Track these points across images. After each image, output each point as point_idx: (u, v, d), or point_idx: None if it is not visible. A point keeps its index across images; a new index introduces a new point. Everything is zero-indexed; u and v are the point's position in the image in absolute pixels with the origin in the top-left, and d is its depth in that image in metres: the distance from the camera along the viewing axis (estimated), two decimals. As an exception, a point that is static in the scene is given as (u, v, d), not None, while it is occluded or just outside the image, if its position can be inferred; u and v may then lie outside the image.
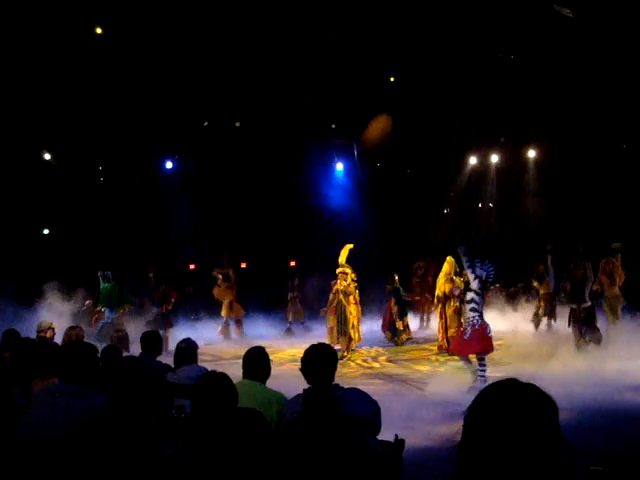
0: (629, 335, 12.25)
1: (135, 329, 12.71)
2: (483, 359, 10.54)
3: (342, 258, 14.88)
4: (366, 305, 17.70)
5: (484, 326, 10.53)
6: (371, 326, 18.38)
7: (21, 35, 14.52)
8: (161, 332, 15.57)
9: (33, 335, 9.23)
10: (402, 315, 16.51)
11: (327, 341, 13.58)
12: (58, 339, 9.53)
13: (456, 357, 13.94)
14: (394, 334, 16.35)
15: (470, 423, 1.72)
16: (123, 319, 14.65)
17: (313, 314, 18.05)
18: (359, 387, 4.58)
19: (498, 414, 1.65)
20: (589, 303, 12.85)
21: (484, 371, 10.36)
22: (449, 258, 15.03)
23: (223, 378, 3.53)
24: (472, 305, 10.57)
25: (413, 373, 12.11)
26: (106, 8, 14.59)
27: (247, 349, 5.23)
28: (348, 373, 12.11)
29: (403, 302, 16.64)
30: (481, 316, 10.66)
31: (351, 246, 15.04)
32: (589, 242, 18.40)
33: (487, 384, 1.79)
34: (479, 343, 10.52)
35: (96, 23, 15.18)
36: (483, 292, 10.96)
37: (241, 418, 3.40)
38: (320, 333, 16.01)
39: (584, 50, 15.75)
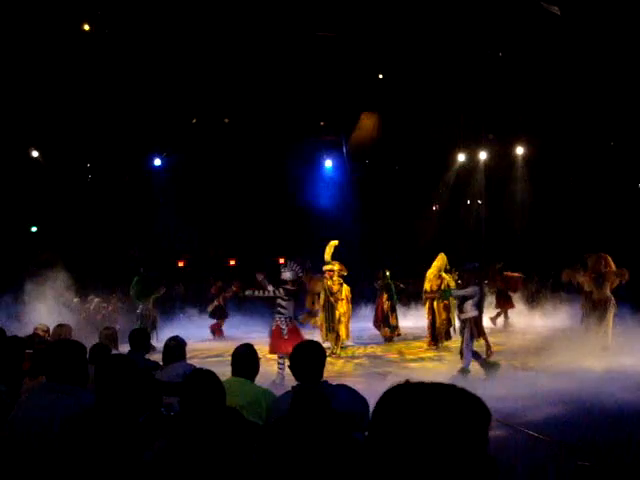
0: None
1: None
2: (283, 357, 10.91)
3: (327, 255, 14.84)
4: (356, 302, 17.72)
5: (281, 328, 11.06)
6: (361, 322, 18.39)
7: (8, 33, 14.43)
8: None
9: (23, 333, 9.19)
10: (393, 310, 16.53)
11: (319, 338, 13.61)
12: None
13: (445, 352, 14.04)
14: (392, 329, 16.37)
15: (378, 424, 1.52)
16: (153, 307, 15.86)
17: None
18: (348, 384, 4.58)
19: (410, 418, 1.46)
20: (471, 314, 11.15)
21: (282, 368, 10.78)
22: (441, 254, 15.05)
23: (209, 375, 3.54)
24: (278, 309, 11.13)
25: (402, 369, 12.11)
26: (94, 6, 14.53)
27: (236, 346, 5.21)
28: (337, 370, 12.11)
29: (394, 298, 16.66)
30: (289, 318, 11.15)
31: (336, 242, 14.97)
32: (578, 238, 18.51)
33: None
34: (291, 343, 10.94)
35: (84, 20, 15.11)
36: (292, 295, 11.30)
37: (225, 416, 3.41)
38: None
39: (572, 48, 15.79)
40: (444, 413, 1.46)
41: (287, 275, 11.20)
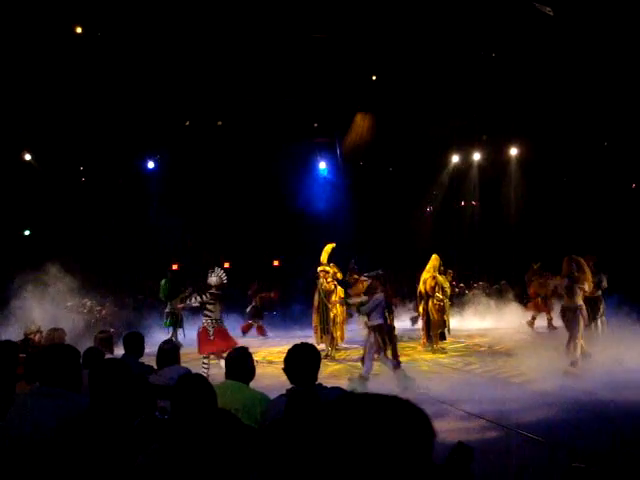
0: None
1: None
2: (207, 357, 11.73)
3: (324, 257, 14.86)
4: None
5: (207, 330, 11.77)
6: (356, 324, 18.36)
7: (0, 35, 14.40)
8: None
9: (16, 338, 9.16)
10: (390, 312, 16.51)
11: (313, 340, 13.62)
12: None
13: (441, 354, 14.03)
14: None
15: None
16: (178, 305, 15.62)
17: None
18: (342, 387, 4.57)
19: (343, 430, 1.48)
20: (376, 322, 11.19)
21: (207, 368, 11.43)
22: (434, 256, 15.04)
23: (199, 379, 3.54)
24: (205, 312, 11.88)
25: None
26: (87, 8, 14.50)
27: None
28: (332, 372, 12.10)
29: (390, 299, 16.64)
30: (215, 320, 11.83)
31: (333, 245, 15.00)
32: (573, 238, 18.54)
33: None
34: (223, 342, 11.75)
35: (76, 23, 15.08)
36: (218, 299, 11.96)
37: (218, 419, 3.40)
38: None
39: (565, 48, 15.82)
40: (384, 425, 1.48)
41: (212, 280, 11.94)
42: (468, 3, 14.67)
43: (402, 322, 18.72)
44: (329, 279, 14.61)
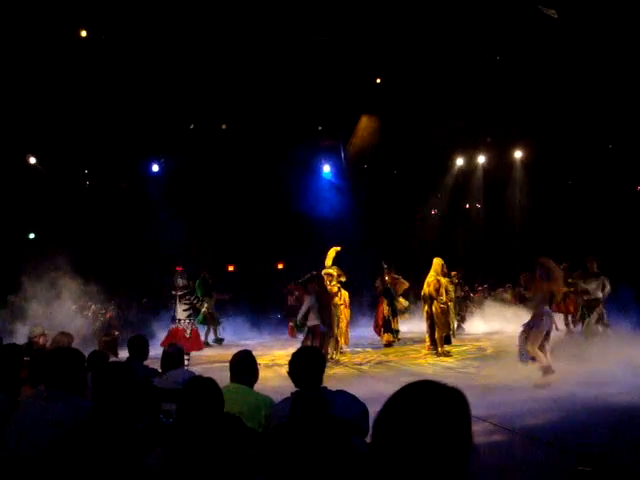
0: None
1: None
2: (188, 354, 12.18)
3: (328, 260, 14.83)
4: (356, 307, 17.69)
5: (178, 328, 12.61)
6: (360, 328, 18.35)
7: (4, 40, 14.43)
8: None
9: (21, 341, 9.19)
10: (394, 315, 16.50)
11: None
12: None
13: (446, 358, 13.97)
14: (395, 333, 16.34)
15: (382, 424, 1.62)
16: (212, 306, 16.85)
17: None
18: (347, 389, 4.56)
19: (411, 416, 1.57)
20: (311, 322, 11.92)
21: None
22: (436, 259, 14.99)
23: (209, 383, 3.51)
24: (172, 312, 12.78)
25: (402, 375, 12.08)
26: (91, 12, 14.52)
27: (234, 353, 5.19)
28: (336, 375, 12.07)
29: (394, 303, 16.62)
30: (173, 319, 12.74)
31: (338, 248, 14.97)
32: (577, 241, 18.50)
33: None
34: (193, 342, 12.76)
35: (81, 26, 15.10)
36: (175, 299, 12.81)
37: (222, 422, 3.39)
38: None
39: (569, 51, 15.80)
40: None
41: (178, 282, 12.81)
42: (472, 6, 14.66)
43: (411, 325, 18.76)
44: (333, 282, 14.59)
